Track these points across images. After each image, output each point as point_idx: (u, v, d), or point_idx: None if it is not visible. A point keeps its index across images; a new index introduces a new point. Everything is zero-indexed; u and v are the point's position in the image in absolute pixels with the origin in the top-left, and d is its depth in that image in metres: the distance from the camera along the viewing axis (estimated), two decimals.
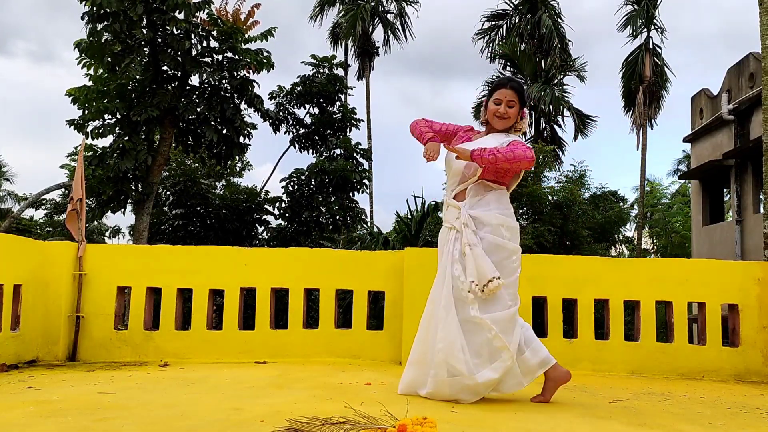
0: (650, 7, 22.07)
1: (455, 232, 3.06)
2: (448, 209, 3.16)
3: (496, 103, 3.16)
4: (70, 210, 4.56)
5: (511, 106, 3.15)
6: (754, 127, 13.56)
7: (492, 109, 3.17)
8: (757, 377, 4.41)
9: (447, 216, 3.15)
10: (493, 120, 3.18)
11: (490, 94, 3.22)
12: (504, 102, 3.14)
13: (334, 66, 15.93)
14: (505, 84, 3.18)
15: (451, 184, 3.20)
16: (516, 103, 3.15)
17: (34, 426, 2.30)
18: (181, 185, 14.59)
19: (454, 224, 3.07)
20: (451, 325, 2.95)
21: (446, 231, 3.14)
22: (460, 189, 3.13)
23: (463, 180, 3.13)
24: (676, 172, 33.79)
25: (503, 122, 3.16)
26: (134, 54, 11.10)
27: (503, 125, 3.17)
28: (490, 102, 3.19)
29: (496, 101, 3.16)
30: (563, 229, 13.60)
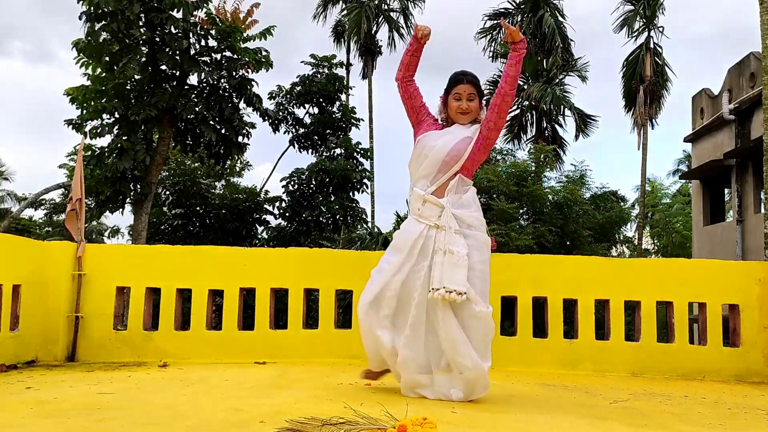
0: (649, 7, 22.04)
1: (436, 231, 3.01)
2: (424, 204, 3.06)
3: (456, 99, 3.16)
4: (69, 210, 4.55)
5: (471, 99, 3.17)
6: (755, 127, 13.54)
7: (454, 106, 3.17)
8: (757, 377, 4.40)
9: (424, 212, 3.05)
10: (456, 116, 3.18)
11: (447, 91, 3.21)
12: (464, 97, 3.15)
13: (333, 65, 15.92)
14: (462, 79, 3.18)
15: (426, 175, 3.09)
16: (475, 95, 3.18)
17: (34, 426, 2.29)
18: (181, 185, 14.59)
19: (437, 222, 3.01)
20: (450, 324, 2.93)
21: (421, 226, 3.04)
22: (441, 182, 3.07)
23: (443, 170, 3.07)
24: (677, 172, 33.78)
25: (466, 116, 3.17)
26: (132, 53, 11.08)
27: (467, 119, 3.18)
28: (449, 98, 3.19)
29: (455, 97, 3.17)
30: (564, 229, 13.57)
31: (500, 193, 13.65)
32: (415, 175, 3.14)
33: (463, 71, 3.22)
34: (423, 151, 3.11)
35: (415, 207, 3.10)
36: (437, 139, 3.11)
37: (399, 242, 3.09)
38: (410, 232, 3.06)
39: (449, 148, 3.07)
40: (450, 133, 3.13)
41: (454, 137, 3.11)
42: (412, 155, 3.17)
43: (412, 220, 3.11)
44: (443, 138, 3.11)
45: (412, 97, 3.23)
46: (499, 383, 3.63)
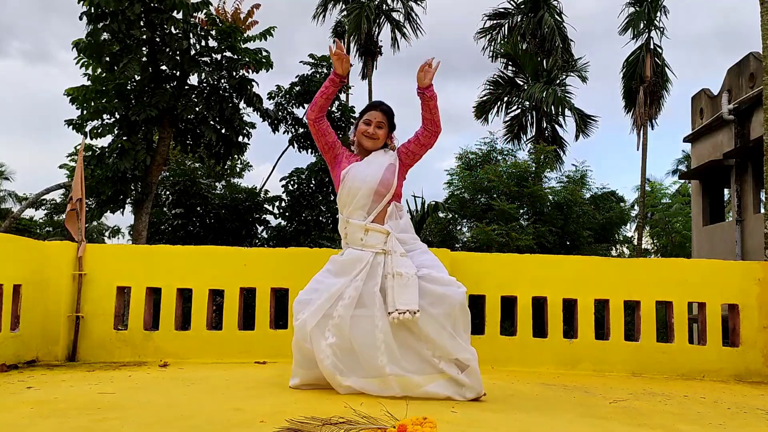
0: (651, 9, 22.05)
1: (384, 256, 3.05)
2: (367, 234, 3.10)
3: (366, 123, 3.26)
4: (70, 210, 4.55)
5: (381, 127, 3.26)
6: (755, 127, 13.55)
7: (361, 129, 3.26)
8: (757, 377, 4.41)
9: (368, 240, 3.10)
10: (361, 138, 3.26)
11: (361, 116, 3.31)
12: (374, 123, 3.25)
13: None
14: (377, 106, 3.30)
15: (361, 206, 3.15)
16: (385, 124, 3.26)
17: (34, 426, 2.29)
18: (181, 185, 14.57)
19: (384, 248, 3.07)
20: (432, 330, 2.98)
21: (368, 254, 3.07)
22: (378, 211, 3.13)
23: (377, 200, 3.14)
24: (677, 172, 33.80)
25: (372, 142, 3.25)
26: (132, 54, 11.07)
27: (372, 145, 3.25)
28: (360, 122, 3.28)
29: (366, 121, 3.27)
30: (564, 229, 13.59)
31: (501, 193, 13.67)
32: (347, 207, 3.18)
33: (380, 101, 3.35)
34: (354, 184, 3.15)
35: (357, 237, 3.13)
36: (365, 170, 3.17)
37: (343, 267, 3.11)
38: (356, 259, 3.09)
39: (379, 178, 3.14)
40: (373, 163, 3.20)
41: (380, 167, 3.18)
42: (341, 189, 3.19)
43: (353, 251, 3.13)
44: (370, 169, 3.18)
45: (325, 134, 3.30)
46: (499, 383, 3.63)
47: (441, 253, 4.52)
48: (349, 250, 3.17)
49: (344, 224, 3.20)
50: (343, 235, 3.22)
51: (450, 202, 14.93)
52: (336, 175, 3.26)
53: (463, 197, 14.22)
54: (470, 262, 4.68)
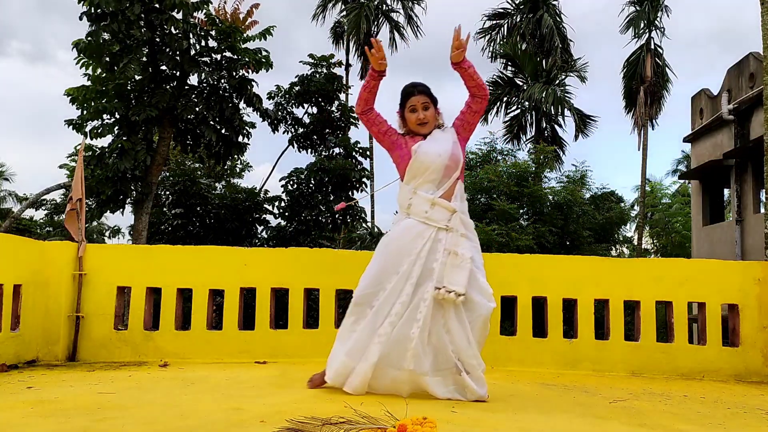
0: (653, 9, 22.05)
1: (445, 233, 3.06)
2: (433, 207, 3.09)
3: (412, 111, 3.22)
4: (69, 210, 4.55)
5: (426, 108, 3.23)
6: (755, 127, 13.55)
7: (412, 119, 3.22)
8: (757, 377, 4.41)
9: (433, 215, 3.08)
10: (416, 128, 3.23)
11: (402, 106, 3.27)
12: (419, 107, 3.21)
13: (332, 65, 15.90)
14: (413, 91, 3.25)
15: (432, 180, 3.13)
16: (429, 103, 3.24)
17: (34, 426, 2.29)
18: (181, 185, 14.57)
19: (447, 224, 3.07)
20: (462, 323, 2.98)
21: (430, 229, 3.06)
22: (447, 187, 3.13)
23: (447, 174, 3.13)
24: (676, 172, 33.80)
25: (426, 127, 3.23)
26: (132, 54, 11.08)
27: (427, 129, 3.23)
28: (406, 113, 3.24)
29: (411, 109, 3.23)
30: (564, 229, 13.59)
31: (501, 193, 13.67)
32: (416, 179, 3.15)
33: (412, 83, 3.30)
34: (427, 158, 3.12)
35: (422, 209, 3.09)
36: (435, 145, 3.16)
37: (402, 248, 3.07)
38: (416, 235, 3.06)
39: (449, 152, 3.13)
40: (439, 139, 3.19)
41: (447, 142, 3.18)
42: (413, 162, 3.14)
43: (415, 222, 3.10)
44: (439, 144, 3.16)
45: (378, 123, 3.28)
46: (499, 383, 3.63)
47: None
48: (408, 220, 3.12)
49: (409, 194, 3.15)
50: (405, 206, 3.16)
51: None
52: (401, 156, 3.21)
53: None
54: None
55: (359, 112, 3.30)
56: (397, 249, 3.08)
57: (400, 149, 3.23)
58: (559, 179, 16.09)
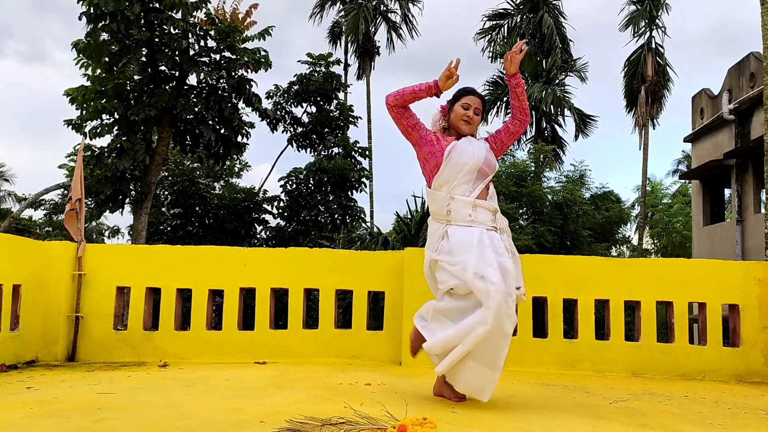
0: (653, 8, 22.05)
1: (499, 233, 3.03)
2: (476, 210, 3.01)
3: (465, 108, 3.17)
4: (69, 210, 4.55)
5: (477, 113, 3.20)
6: (755, 127, 13.56)
7: (460, 113, 3.17)
8: (757, 377, 4.40)
9: (478, 217, 3.00)
10: (459, 123, 3.17)
11: (456, 99, 3.22)
12: (472, 108, 3.18)
13: (330, 64, 15.91)
14: (474, 92, 3.22)
15: (466, 181, 3.05)
16: (480, 112, 3.21)
17: (34, 426, 2.29)
18: (180, 185, 14.57)
19: (493, 225, 3.03)
20: None
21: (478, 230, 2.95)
22: (480, 189, 3.07)
23: (481, 177, 3.08)
24: (677, 172, 33.82)
25: (468, 127, 3.18)
26: (132, 54, 11.08)
27: (468, 130, 3.18)
28: (457, 106, 3.18)
29: (464, 105, 3.17)
30: (563, 229, 13.58)
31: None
32: (450, 183, 3.06)
33: (474, 88, 3.25)
34: (461, 159, 3.05)
35: (465, 213, 3.01)
36: (469, 147, 3.10)
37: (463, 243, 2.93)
38: (470, 235, 2.95)
39: (483, 156, 3.09)
40: (473, 143, 3.15)
41: (481, 147, 3.13)
42: (446, 165, 3.05)
43: (460, 228, 2.99)
44: (473, 147, 3.11)
45: (408, 116, 3.17)
46: (499, 383, 3.61)
47: None
48: (454, 228, 3.00)
49: (446, 201, 3.05)
50: (445, 212, 3.05)
51: None
52: (431, 152, 3.11)
53: None
54: None
55: (392, 105, 3.15)
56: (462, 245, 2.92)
57: (430, 145, 3.13)
58: (559, 179, 16.09)
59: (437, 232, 3.07)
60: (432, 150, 3.11)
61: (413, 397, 2.98)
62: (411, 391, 3.20)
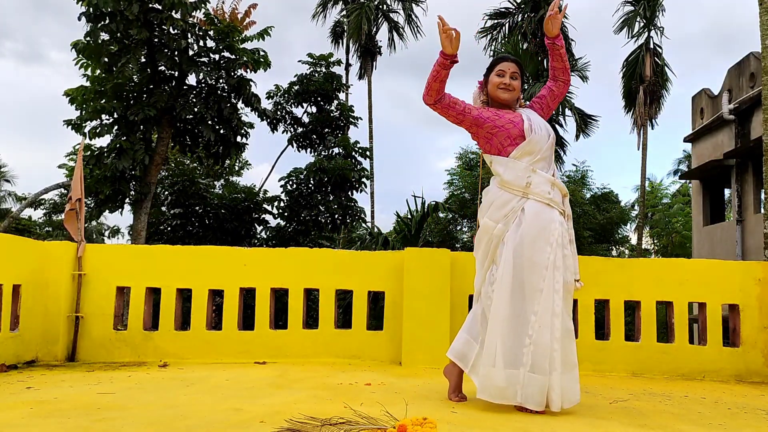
0: (649, 8, 22.04)
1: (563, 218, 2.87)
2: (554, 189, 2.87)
3: (500, 75, 3.01)
4: (69, 210, 4.55)
5: (515, 77, 3.02)
6: (755, 127, 13.55)
7: (496, 81, 2.99)
8: (757, 377, 4.40)
9: (555, 196, 2.86)
10: (496, 92, 2.99)
11: (489, 70, 3.06)
12: (508, 74, 3.01)
13: (331, 64, 15.91)
14: (506, 58, 3.07)
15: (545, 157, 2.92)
16: (518, 76, 3.04)
17: (34, 426, 2.29)
18: (180, 185, 14.57)
19: (563, 209, 2.89)
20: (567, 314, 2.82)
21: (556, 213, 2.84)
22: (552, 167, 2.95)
23: (551, 152, 2.95)
24: (677, 172, 33.81)
25: (509, 93, 3.00)
26: (131, 54, 11.08)
27: (509, 96, 3.00)
28: (492, 76, 3.03)
29: (499, 73, 3.01)
30: None
31: None
32: (533, 156, 2.89)
33: (507, 54, 3.14)
34: (542, 133, 2.91)
35: (545, 190, 2.85)
36: (540, 120, 2.98)
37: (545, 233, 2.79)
38: (553, 220, 2.82)
39: (551, 131, 2.98)
40: (535, 116, 3.01)
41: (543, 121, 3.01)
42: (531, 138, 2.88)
43: (540, 206, 2.84)
44: (542, 121, 3.00)
45: (454, 104, 2.98)
46: None
47: (441, 253, 4.52)
48: (531, 203, 2.84)
49: (527, 172, 2.86)
50: (524, 184, 2.85)
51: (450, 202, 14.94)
52: (495, 126, 2.93)
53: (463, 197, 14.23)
54: (470, 262, 4.67)
55: (431, 104, 2.97)
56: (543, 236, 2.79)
57: (492, 121, 2.94)
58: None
59: (510, 203, 2.87)
60: (497, 124, 2.94)
61: (413, 397, 2.97)
62: (411, 391, 3.20)
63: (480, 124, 2.97)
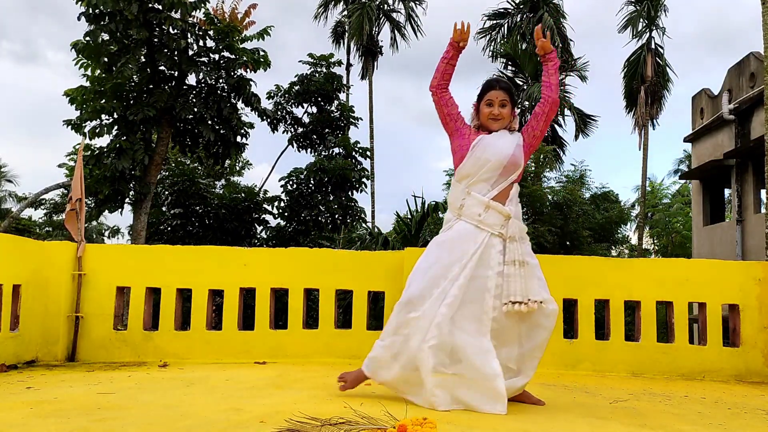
0: (651, 8, 22.05)
1: (500, 241, 2.92)
2: (487, 211, 2.94)
3: (489, 105, 3.09)
4: (69, 210, 4.55)
5: (504, 105, 3.09)
6: (755, 127, 13.56)
7: (486, 112, 3.08)
8: (757, 377, 4.40)
9: (487, 219, 2.93)
10: (488, 122, 3.09)
11: (480, 97, 3.15)
12: (496, 103, 3.08)
13: (332, 65, 15.90)
14: (494, 85, 3.12)
15: (486, 179, 2.98)
16: (508, 102, 3.10)
17: (34, 426, 2.29)
18: (180, 185, 14.56)
19: (501, 232, 2.93)
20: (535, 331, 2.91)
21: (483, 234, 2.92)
22: (502, 188, 2.99)
23: (504, 175, 2.99)
24: (677, 172, 33.82)
25: (498, 123, 3.08)
26: (130, 54, 11.07)
27: (499, 126, 3.09)
28: (481, 104, 3.12)
29: (487, 103, 3.10)
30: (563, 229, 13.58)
31: None
32: (471, 178, 3.00)
33: (496, 78, 3.19)
34: (484, 155, 2.98)
35: (475, 212, 2.95)
36: (496, 143, 3.03)
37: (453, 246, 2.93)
38: (469, 238, 2.92)
39: (510, 153, 3.00)
40: (503, 137, 3.06)
41: (510, 143, 3.04)
42: (468, 158, 3.00)
43: (469, 226, 2.95)
44: (501, 142, 3.03)
45: (448, 104, 3.12)
46: None
47: None
48: (461, 223, 2.97)
49: (462, 195, 3.00)
50: (458, 206, 3.00)
51: None
52: (460, 146, 3.06)
53: None
54: None
55: (434, 86, 3.10)
56: (449, 252, 2.93)
57: (461, 138, 3.07)
58: (559, 179, 16.09)
59: (447, 223, 3.05)
60: (461, 143, 3.06)
61: None
62: None
63: (455, 136, 3.12)
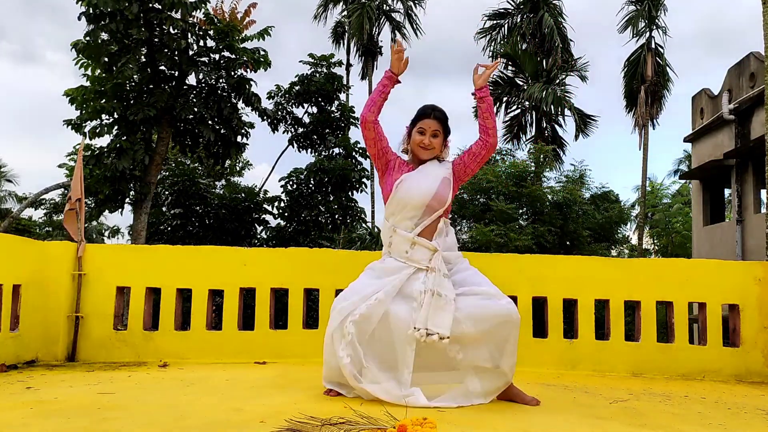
0: (652, 8, 22.05)
1: (424, 273, 2.92)
2: (413, 247, 2.97)
3: (420, 133, 3.08)
4: (69, 210, 4.55)
5: (436, 135, 3.08)
6: (755, 127, 13.56)
7: (417, 140, 3.07)
8: (757, 377, 4.40)
9: (414, 255, 2.96)
10: (417, 150, 3.08)
11: (413, 123, 3.12)
12: (428, 132, 3.07)
13: (332, 65, 15.90)
14: (429, 114, 3.09)
15: (410, 217, 3.02)
16: (440, 132, 3.09)
17: (34, 426, 2.29)
18: (180, 185, 14.56)
19: (428, 265, 2.94)
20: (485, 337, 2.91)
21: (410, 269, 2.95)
22: (426, 224, 3.01)
23: (428, 213, 3.01)
24: (678, 172, 33.83)
25: (427, 152, 3.08)
26: (131, 54, 11.08)
27: (427, 155, 3.09)
28: (414, 132, 3.10)
29: (419, 130, 3.08)
30: (563, 229, 13.57)
31: (499, 194, 13.66)
32: (395, 216, 3.05)
33: (432, 105, 3.14)
34: (406, 195, 3.01)
35: (402, 249, 2.99)
36: (419, 182, 3.03)
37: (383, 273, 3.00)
38: (396, 269, 2.98)
39: (434, 192, 3.00)
40: (428, 174, 3.06)
41: (435, 179, 3.04)
42: (392, 198, 3.04)
43: (396, 262, 2.99)
44: (425, 181, 3.03)
45: (380, 138, 3.11)
46: None
47: None
48: (390, 259, 3.03)
49: (390, 232, 3.06)
50: (387, 243, 3.08)
51: None
52: (387, 183, 3.09)
53: (462, 198, 14.21)
54: (469, 262, 4.67)
55: (371, 120, 3.08)
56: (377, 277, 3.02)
57: (389, 175, 3.11)
58: (559, 179, 16.08)
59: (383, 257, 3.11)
60: (388, 180, 3.09)
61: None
62: None
63: (385, 172, 3.13)
